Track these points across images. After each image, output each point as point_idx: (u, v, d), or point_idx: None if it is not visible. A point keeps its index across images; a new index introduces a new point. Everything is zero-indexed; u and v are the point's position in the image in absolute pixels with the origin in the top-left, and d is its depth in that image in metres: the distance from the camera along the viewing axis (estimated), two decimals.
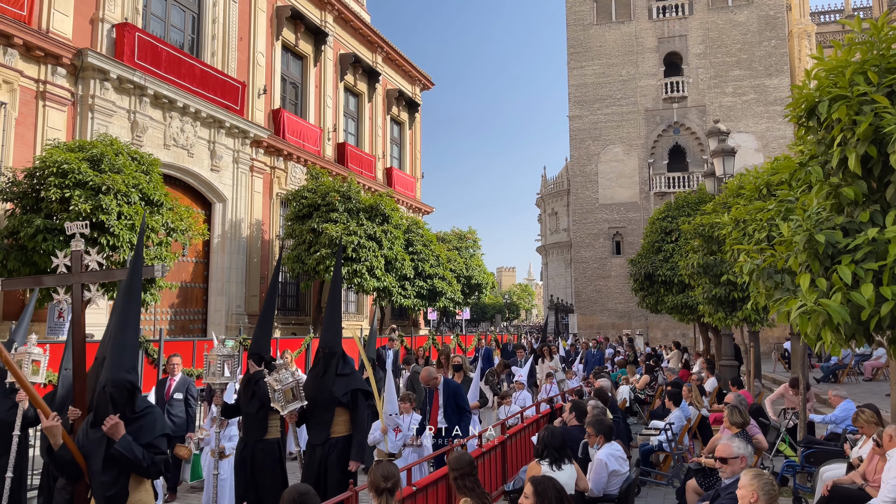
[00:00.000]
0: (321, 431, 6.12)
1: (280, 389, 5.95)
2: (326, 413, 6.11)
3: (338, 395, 6.09)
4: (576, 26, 43.43)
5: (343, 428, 6.15)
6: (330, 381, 6.19)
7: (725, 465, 4.95)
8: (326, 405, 6.14)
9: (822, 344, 3.57)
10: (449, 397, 7.86)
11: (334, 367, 6.25)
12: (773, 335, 32.28)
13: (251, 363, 6.55)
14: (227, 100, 19.82)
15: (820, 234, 3.50)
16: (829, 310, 3.33)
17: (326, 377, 6.23)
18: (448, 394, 7.88)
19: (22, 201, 12.07)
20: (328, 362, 6.29)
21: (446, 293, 24.66)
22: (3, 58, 14.10)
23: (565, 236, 48.56)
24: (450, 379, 8.39)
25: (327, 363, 6.29)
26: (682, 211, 19.80)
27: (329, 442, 6.07)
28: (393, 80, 31.84)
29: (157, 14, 18.83)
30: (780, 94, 39.22)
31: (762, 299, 4.31)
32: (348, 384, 6.19)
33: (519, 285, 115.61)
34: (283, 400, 5.96)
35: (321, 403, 6.16)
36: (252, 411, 6.34)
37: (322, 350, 6.40)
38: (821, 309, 3.38)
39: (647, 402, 14.81)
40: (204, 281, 20.17)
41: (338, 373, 6.22)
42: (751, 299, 4.86)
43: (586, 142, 42.51)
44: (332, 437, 6.08)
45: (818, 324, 3.45)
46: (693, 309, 17.16)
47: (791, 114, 4.00)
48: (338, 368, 6.25)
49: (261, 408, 6.27)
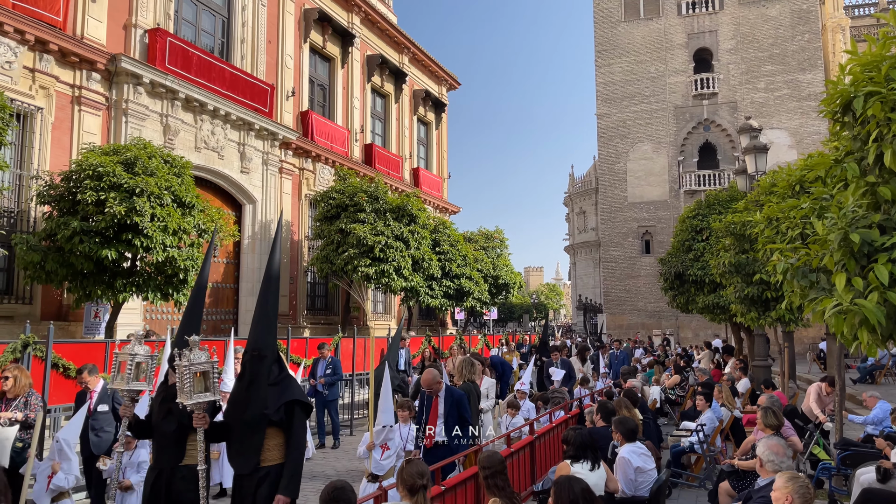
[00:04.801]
0: (248, 458, 4.69)
1: (188, 369, 4.59)
2: (255, 435, 4.69)
3: (269, 411, 4.68)
4: (603, 23, 43.09)
5: (277, 454, 4.74)
6: (260, 393, 4.75)
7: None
8: (255, 424, 4.70)
9: (859, 344, 3.50)
10: (451, 408, 6.89)
11: (265, 374, 4.80)
12: (807, 335, 31.70)
13: (170, 372, 5.11)
14: (256, 102, 20.06)
15: (855, 233, 3.43)
16: (865, 310, 3.26)
17: (255, 388, 4.78)
18: (451, 404, 6.91)
19: (59, 204, 12.35)
20: (256, 368, 4.82)
21: (473, 293, 24.64)
22: (40, 64, 14.46)
23: (594, 235, 48.21)
24: (454, 387, 7.49)
25: (255, 370, 4.82)
26: (713, 209, 19.56)
27: (259, 472, 4.67)
28: (419, 80, 31.93)
29: (188, 19, 19.14)
30: (814, 89, 38.46)
31: (796, 299, 4.24)
32: (281, 395, 4.75)
33: (547, 285, 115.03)
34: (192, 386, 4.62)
35: (248, 422, 4.73)
36: (168, 430, 5.01)
37: (248, 353, 4.90)
38: (857, 309, 3.31)
39: (678, 403, 14.64)
40: (235, 281, 20.45)
41: (270, 382, 4.80)
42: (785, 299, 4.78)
43: (614, 140, 42.17)
44: (263, 465, 4.68)
45: (854, 324, 3.38)
46: (725, 309, 16.93)
47: (825, 109, 3.92)
48: (269, 376, 4.81)
49: (179, 427, 4.99)
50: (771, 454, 4.90)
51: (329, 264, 19.68)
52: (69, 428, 6.32)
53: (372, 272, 18.76)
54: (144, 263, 12.62)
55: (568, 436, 5.92)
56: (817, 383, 11.32)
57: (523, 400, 10.25)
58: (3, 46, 13.67)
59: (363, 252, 18.88)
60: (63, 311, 14.56)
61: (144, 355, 5.08)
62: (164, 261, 12.38)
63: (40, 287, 13.89)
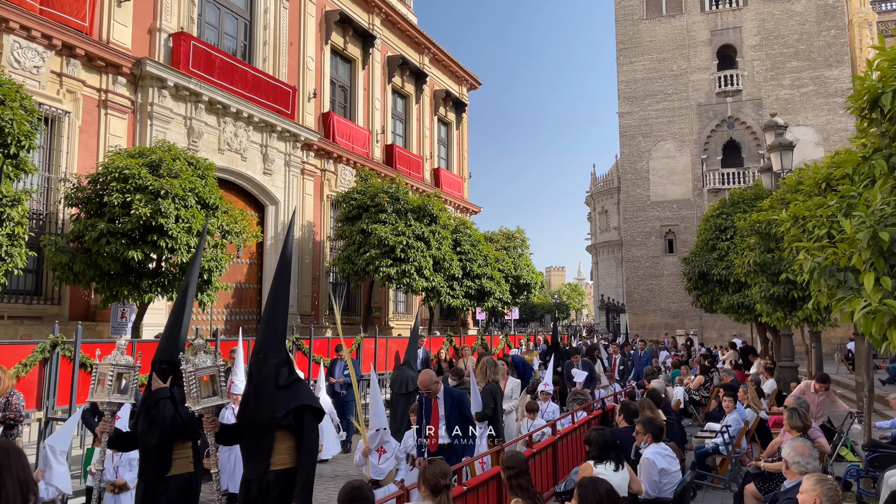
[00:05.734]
0: (257, 463, 4.61)
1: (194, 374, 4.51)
2: (264, 439, 4.60)
3: (278, 415, 4.57)
4: (625, 21, 42.79)
5: (287, 458, 4.62)
6: (268, 396, 4.66)
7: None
8: (263, 428, 4.61)
9: (888, 345, 3.44)
10: (452, 408, 6.66)
11: (271, 377, 4.67)
12: (835, 335, 31.18)
13: (154, 378, 4.94)
14: (278, 104, 20.23)
15: (885, 231, 3.37)
16: (894, 310, 3.20)
17: (262, 391, 4.69)
18: (451, 404, 6.68)
19: (86, 206, 12.56)
20: (261, 371, 4.70)
21: (495, 293, 24.60)
22: (67, 68, 14.72)
23: (616, 235, 47.89)
24: (452, 388, 7.27)
25: (260, 372, 4.71)
26: (738, 208, 19.35)
27: (268, 476, 4.57)
28: (440, 80, 31.96)
29: (211, 22, 19.35)
30: (841, 85, 37.82)
31: (824, 298, 4.18)
32: (290, 400, 4.63)
33: (568, 285, 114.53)
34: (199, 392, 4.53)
35: (257, 426, 4.65)
36: (151, 442, 4.77)
37: (254, 355, 4.79)
38: (886, 309, 3.25)
39: (703, 404, 14.48)
40: (258, 282, 20.63)
41: (278, 385, 4.67)
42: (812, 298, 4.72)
43: (637, 138, 41.84)
44: (272, 469, 4.58)
45: (883, 324, 3.32)
46: (750, 308, 16.73)
47: (853, 106, 3.86)
48: (278, 380, 4.68)
49: (162, 437, 4.75)
50: (797, 456, 4.83)
51: (351, 265, 19.79)
52: (59, 434, 5.91)
53: (393, 272, 18.83)
54: (169, 264, 12.79)
55: (591, 437, 5.88)
56: (806, 381, 10.86)
57: (547, 401, 10.11)
58: (32, 51, 13.95)
59: (384, 252, 18.95)
60: (91, 312, 14.81)
61: (126, 366, 4.82)
62: (188, 261, 12.54)
63: (68, 288, 14.14)
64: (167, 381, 4.86)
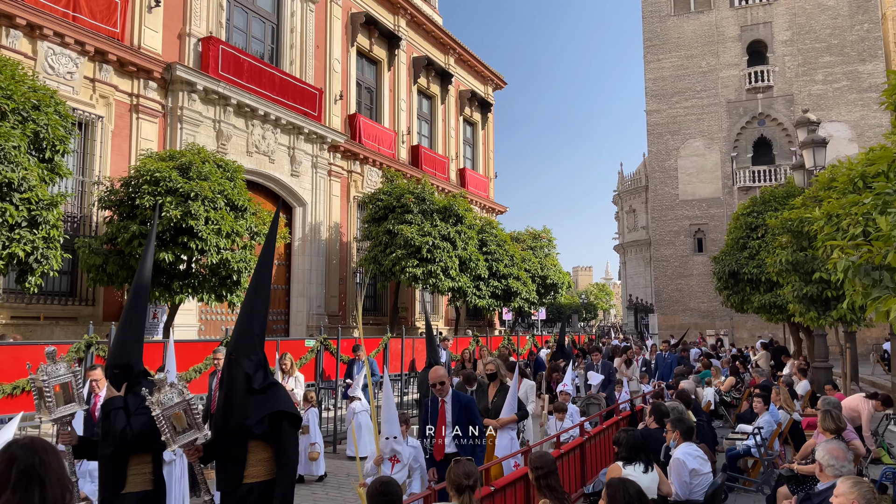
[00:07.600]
0: (231, 475, 4.21)
1: (162, 415, 4.07)
2: (236, 448, 4.19)
3: (249, 422, 4.13)
4: (652, 18, 42.34)
5: (263, 469, 4.22)
6: (240, 402, 4.21)
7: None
8: (236, 438, 4.20)
9: None
10: (461, 414, 6.30)
11: (241, 381, 4.21)
12: (870, 335, 30.50)
13: (108, 386, 4.54)
14: (305, 106, 20.41)
15: None
16: None
17: (233, 397, 4.25)
18: (459, 409, 6.33)
19: (119, 209, 12.81)
20: (233, 374, 4.25)
21: (521, 293, 24.52)
22: (100, 74, 15.02)
23: (644, 234, 47.42)
24: (460, 392, 6.82)
25: (233, 376, 4.25)
26: (769, 206, 19.04)
27: (241, 489, 4.16)
28: (465, 80, 31.96)
29: (240, 26, 19.60)
30: (875, 80, 36.97)
31: (859, 298, 4.09)
32: (264, 406, 4.19)
33: (596, 285, 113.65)
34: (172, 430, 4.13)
35: (229, 435, 4.24)
36: (106, 454, 4.34)
37: (227, 357, 4.35)
38: None
39: (734, 405, 14.26)
40: (286, 283, 20.84)
41: (252, 389, 4.21)
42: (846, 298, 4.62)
43: (665, 136, 41.37)
44: (246, 482, 4.17)
45: None
46: (782, 308, 16.46)
47: (888, 101, 3.77)
48: (251, 383, 4.22)
49: (115, 451, 4.32)
50: (831, 458, 4.73)
51: (377, 265, 19.88)
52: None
53: (419, 273, 18.87)
54: (199, 266, 12.98)
55: (620, 437, 5.83)
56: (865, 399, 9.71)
57: (566, 402, 9.91)
58: (65, 58, 14.26)
59: (411, 253, 19.01)
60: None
61: (65, 374, 4.37)
62: (218, 263, 12.71)
63: (102, 289, 14.43)
64: (121, 388, 4.45)
